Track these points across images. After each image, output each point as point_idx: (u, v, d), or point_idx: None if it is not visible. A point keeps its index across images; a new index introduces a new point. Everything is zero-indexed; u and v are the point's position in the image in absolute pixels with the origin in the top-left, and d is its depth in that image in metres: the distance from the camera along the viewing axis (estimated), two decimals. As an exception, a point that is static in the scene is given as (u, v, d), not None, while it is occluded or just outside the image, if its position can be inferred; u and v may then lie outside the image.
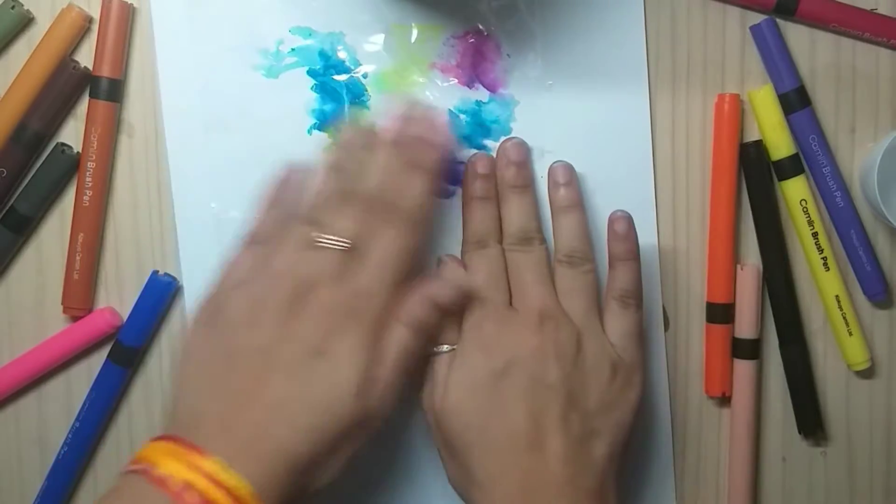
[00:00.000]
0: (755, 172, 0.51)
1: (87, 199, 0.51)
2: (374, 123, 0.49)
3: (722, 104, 0.51)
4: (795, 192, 0.51)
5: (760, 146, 0.51)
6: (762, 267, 0.52)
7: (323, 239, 0.44)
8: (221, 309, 0.44)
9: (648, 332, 0.51)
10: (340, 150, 0.48)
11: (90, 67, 0.51)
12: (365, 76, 0.51)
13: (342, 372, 0.42)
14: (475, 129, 0.51)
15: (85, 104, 0.51)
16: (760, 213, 0.52)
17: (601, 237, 0.50)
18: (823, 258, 0.51)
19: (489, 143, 0.51)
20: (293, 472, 0.40)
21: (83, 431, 0.52)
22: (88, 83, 0.51)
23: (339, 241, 0.44)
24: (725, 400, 0.53)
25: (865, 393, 0.53)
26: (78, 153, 0.52)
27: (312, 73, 0.51)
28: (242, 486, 0.38)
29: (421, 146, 0.47)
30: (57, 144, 0.51)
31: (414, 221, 0.46)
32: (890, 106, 0.52)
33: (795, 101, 0.50)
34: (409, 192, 0.46)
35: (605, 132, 0.51)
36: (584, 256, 0.48)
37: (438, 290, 0.45)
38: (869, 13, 0.51)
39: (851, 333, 0.52)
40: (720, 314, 0.52)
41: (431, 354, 0.47)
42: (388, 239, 0.45)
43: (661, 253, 0.52)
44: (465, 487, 0.46)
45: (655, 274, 0.52)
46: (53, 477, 0.53)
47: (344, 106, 0.51)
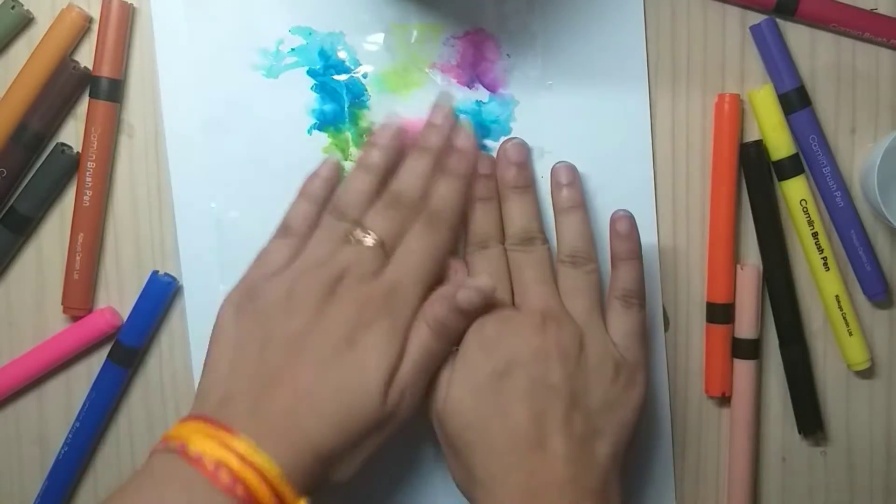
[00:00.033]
0: (755, 172, 0.51)
1: (87, 199, 0.51)
2: (404, 123, 0.50)
3: (722, 104, 0.51)
4: (795, 192, 0.51)
5: (760, 146, 0.51)
6: (762, 267, 0.52)
7: (358, 235, 0.46)
8: (256, 296, 0.45)
9: (649, 332, 0.51)
10: (376, 149, 0.49)
11: (90, 67, 0.51)
12: (365, 76, 0.51)
13: (369, 364, 0.43)
14: (475, 129, 0.51)
15: (85, 104, 0.51)
16: (760, 213, 0.52)
17: (602, 237, 0.50)
18: (823, 258, 0.51)
19: (489, 143, 0.51)
20: (318, 460, 0.41)
21: (83, 431, 0.52)
22: (88, 83, 0.51)
23: (373, 237, 0.46)
24: (725, 400, 0.53)
25: (865, 393, 0.53)
26: (78, 153, 0.52)
27: (312, 72, 0.51)
28: (272, 467, 0.39)
29: (454, 151, 0.49)
30: (57, 144, 0.51)
31: (446, 224, 0.48)
32: (890, 106, 0.52)
33: (795, 101, 0.50)
34: (441, 195, 0.48)
35: (605, 132, 0.51)
36: (587, 256, 0.48)
37: (463, 294, 0.45)
38: (869, 13, 0.51)
39: (851, 333, 0.52)
40: (720, 314, 0.52)
41: None
42: (420, 239, 0.46)
43: (661, 253, 0.52)
44: (468, 487, 0.46)
45: (656, 274, 0.52)
46: (53, 477, 0.53)
47: (344, 106, 0.51)
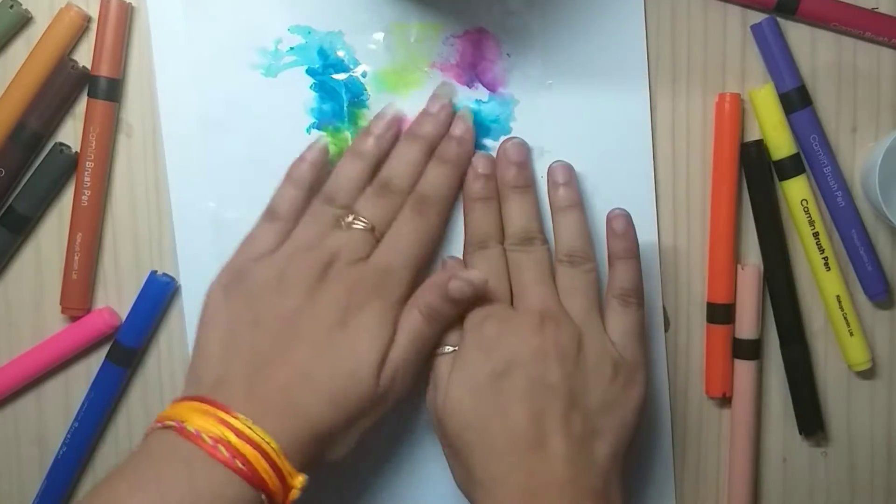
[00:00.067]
0: (756, 172, 0.51)
1: (85, 198, 0.51)
2: (402, 114, 0.50)
3: (723, 103, 0.51)
4: (796, 191, 0.51)
5: (761, 146, 0.51)
6: (763, 267, 0.52)
7: (348, 220, 0.47)
8: (245, 277, 0.46)
9: (649, 332, 0.51)
10: (369, 137, 0.49)
11: (88, 67, 0.51)
12: (364, 75, 0.51)
13: (362, 346, 0.44)
14: (475, 128, 0.51)
15: (83, 104, 0.51)
16: (761, 212, 0.51)
17: (601, 237, 0.49)
18: (824, 258, 0.51)
19: (489, 142, 0.51)
20: (315, 438, 0.42)
21: (82, 431, 0.52)
22: (87, 83, 0.51)
23: (364, 221, 0.47)
24: (726, 400, 0.53)
25: (866, 393, 0.53)
26: (76, 153, 0.51)
27: (311, 71, 0.51)
28: (271, 441, 0.40)
29: (447, 140, 0.49)
30: (55, 144, 0.51)
31: (437, 211, 0.48)
32: (891, 105, 0.51)
33: (796, 100, 0.50)
34: (433, 182, 0.48)
35: (605, 132, 0.51)
36: (584, 256, 0.48)
37: (454, 284, 0.45)
38: (870, 12, 0.50)
39: (852, 334, 0.51)
40: (721, 314, 0.52)
41: (434, 355, 0.47)
42: (410, 225, 0.47)
43: (661, 253, 0.52)
44: (468, 487, 0.46)
45: (656, 274, 0.52)
46: (52, 477, 0.53)
47: (343, 105, 0.51)
